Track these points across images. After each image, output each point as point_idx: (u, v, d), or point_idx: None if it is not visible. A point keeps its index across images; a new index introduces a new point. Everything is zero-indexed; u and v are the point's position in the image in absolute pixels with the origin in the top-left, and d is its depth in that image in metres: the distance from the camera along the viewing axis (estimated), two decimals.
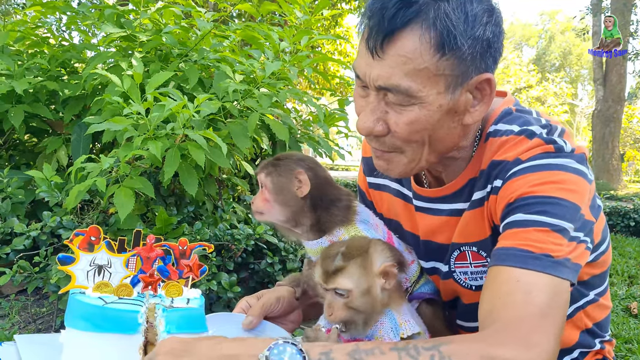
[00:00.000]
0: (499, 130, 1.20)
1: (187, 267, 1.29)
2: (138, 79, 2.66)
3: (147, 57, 3.14)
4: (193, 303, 1.23)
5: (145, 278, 1.21)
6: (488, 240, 1.21)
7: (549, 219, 1.03)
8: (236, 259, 2.80)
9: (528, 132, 1.15)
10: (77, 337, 1.15)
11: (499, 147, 1.17)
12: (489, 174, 1.18)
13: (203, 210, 2.99)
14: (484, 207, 1.19)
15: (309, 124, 3.98)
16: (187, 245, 1.32)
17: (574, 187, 1.07)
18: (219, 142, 2.38)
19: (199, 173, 2.63)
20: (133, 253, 1.25)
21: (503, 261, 1.02)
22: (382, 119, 1.09)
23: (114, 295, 1.19)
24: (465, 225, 1.24)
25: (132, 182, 2.44)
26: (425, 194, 1.32)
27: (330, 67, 13.86)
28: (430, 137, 1.10)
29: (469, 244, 1.25)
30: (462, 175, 1.25)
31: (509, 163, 1.13)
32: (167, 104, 2.32)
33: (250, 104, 2.84)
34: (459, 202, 1.26)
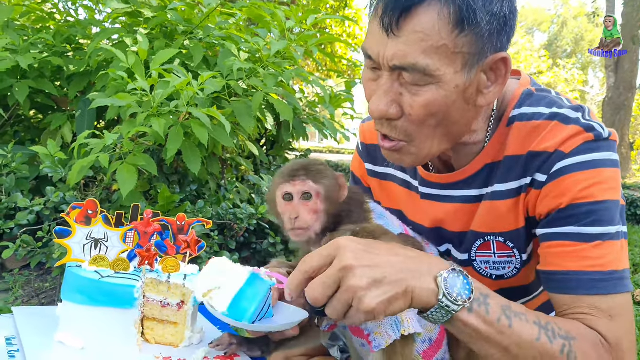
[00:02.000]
0: (525, 113, 1.15)
1: (184, 242, 1.28)
2: (143, 55, 2.64)
3: (152, 34, 3.11)
4: (190, 279, 1.22)
5: (142, 253, 1.20)
6: (519, 231, 1.17)
7: (602, 228, 1.04)
8: (238, 239, 2.80)
9: (561, 116, 1.11)
10: (73, 310, 1.15)
11: (531, 133, 1.12)
12: (526, 165, 1.12)
13: (206, 189, 2.99)
14: (520, 199, 1.14)
15: (315, 105, 3.95)
16: (185, 220, 1.31)
17: (615, 185, 1.07)
18: (223, 120, 2.36)
19: (202, 151, 2.62)
20: (130, 227, 1.24)
21: (575, 290, 1.04)
22: (396, 102, 1.04)
23: (111, 269, 1.19)
24: (491, 215, 1.19)
25: (135, 159, 2.43)
26: (435, 180, 1.27)
27: (338, 50, 13.76)
28: (444, 120, 1.06)
29: (494, 234, 1.20)
30: (476, 161, 1.19)
31: (551, 155, 1.08)
32: (171, 81, 2.30)
33: (255, 83, 2.82)
34: (472, 188, 1.21)
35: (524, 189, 1.14)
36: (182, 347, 1.21)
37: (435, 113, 1.03)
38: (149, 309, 1.21)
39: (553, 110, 1.12)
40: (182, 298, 1.22)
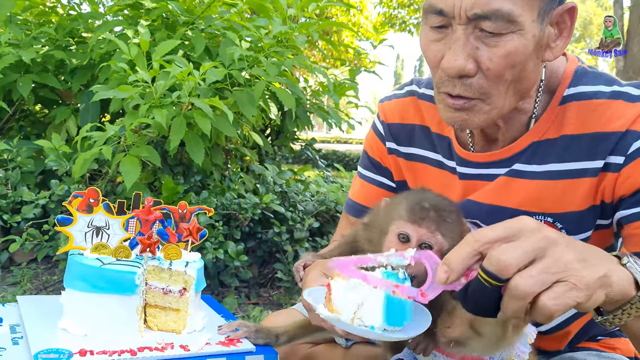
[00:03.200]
0: (585, 92, 1.11)
1: (186, 230, 1.28)
2: (145, 46, 2.63)
3: (153, 26, 3.11)
4: (192, 266, 1.22)
5: (143, 240, 1.20)
6: (573, 214, 1.13)
7: None
8: (243, 228, 2.81)
9: (625, 95, 1.08)
10: (75, 297, 1.15)
11: (594, 112, 1.09)
12: (593, 146, 1.08)
13: (211, 180, 2.99)
14: (587, 180, 1.10)
15: (319, 94, 3.93)
16: (186, 208, 1.31)
17: None
18: (225, 109, 2.36)
19: (206, 142, 2.62)
20: (131, 215, 1.25)
21: None
22: (472, 56, 0.99)
23: (112, 257, 1.19)
24: (541, 194, 1.15)
25: (138, 151, 2.44)
26: (475, 159, 1.22)
27: (344, 39, 13.70)
28: (520, 73, 1.01)
29: (544, 214, 1.15)
30: (523, 138, 1.15)
31: (623, 135, 1.05)
32: (172, 71, 2.30)
33: (257, 73, 2.81)
34: (517, 162, 1.17)
35: (591, 173, 1.09)
36: (184, 333, 1.21)
37: (514, 64, 1.00)
38: (151, 296, 1.21)
39: (615, 89, 1.09)
40: (184, 285, 1.22)
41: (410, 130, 1.36)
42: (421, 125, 1.34)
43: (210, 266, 2.57)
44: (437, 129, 1.31)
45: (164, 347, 1.12)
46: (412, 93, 1.37)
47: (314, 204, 3.03)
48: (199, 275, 1.23)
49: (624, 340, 1.42)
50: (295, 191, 3.05)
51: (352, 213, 1.47)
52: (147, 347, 1.11)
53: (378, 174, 1.45)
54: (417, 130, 1.35)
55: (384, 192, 1.44)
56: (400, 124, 1.38)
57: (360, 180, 1.48)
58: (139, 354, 1.08)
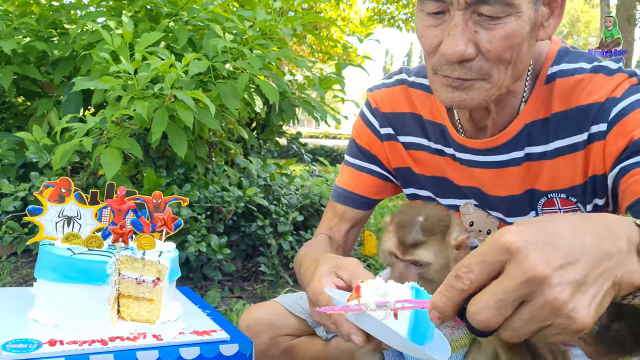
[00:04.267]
0: (565, 69, 1.14)
1: (160, 220, 1.28)
2: (128, 37, 2.61)
3: (136, 17, 3.08)
4: (165, 256, 1.21)
5: (115, 230, 1.19)
6: (579, 187, 1.16)
7: None
8: (227, 222, 2.79)
9: (605, 68, 1.11)
10: (46, 288, 1.14)
11: (575, 87, 1.12)
12: (578, 120, 1.12)
13: (194, 173, 2.97)
14: (576, 156, 1.14)
15: (304, 88, 3.92)
16: (161, 198, 1.30)
17: None
18: (207, 102, 2.34)
19: (189, 134, 2.60)
20: (104, 205, 1.23)
21: None
22: (471, 40, 1.01)
23: (84, 247, 1.18)
24: (549, 173, 1.18)
25: (119, 143, 2.41)
26: (472, 146, 1.24)
27: (333, 34, 13.66)
28: (517, 55, 1.03)
29: (556, 191, 1.19)
30: (517, 121, 1.18)
31: (603, 105, 1.08)
32: (153, 62, 2.27)
33: (241, 65, 2.79)
34: (515, 150, 1.19)
35: (581, 146, 1.12)
36: (158, 323, 1.20)
37: (513, 45, 1.01)
38: (125, 287, 1.21)
39: (595, 64, 1.12)
40: (157, 275, 1.21)
41: (402, 118, 1.36)
42: (412, 113, 1.35)
43: (193, 259, 2.55)
44: (429, 116, 1.32)
45: (136, 336, 1.12)
46: (402, 82, 1.38)
47: (298, 198, 3.02)
48: (173, 264, 1.22)
49: None
50: (279, 184, 3.04)
51: (341, 200, 1.47)
52: (119, 337, 1.10)
53: (368, 162, 1.45)
54: (408, 118, 1.35)
55: (374, 179, 1.44)
56: (392, 112, 1.38)
57: (349, 169, 1.47)
58: (110, 343, 1.07)
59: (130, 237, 1.22)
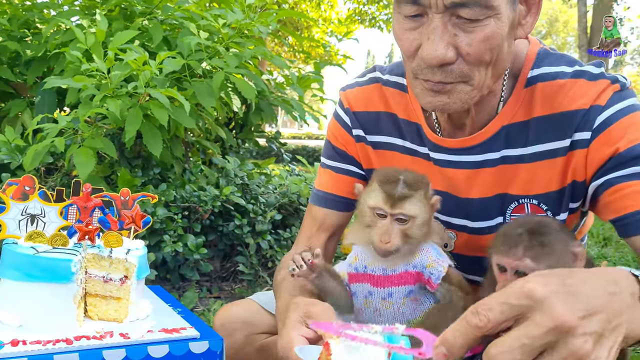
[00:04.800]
0: (547, 73, 1.13)
1: (128, 218, 1.26)
2: (101, 36, 2.58)
3: (110, 16, 3.04)
4: (133, 253, 1.20)
5: (81, 227, 1.17)
6: (554, 194, 1.16)
7: None
8: (204, 222, 2.77)
9: (587, 73, 1.11)
10: (10, 287, 1.12)
11: (557, 92, 1.12)
12: (561, 126, 1.11)
13: (171, 173, 2.95)
14: (559, 160, 1.13)
15: (283, 87, 3.91)
16: (129, 195, 1.29)
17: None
18: (182, 100, 2.32)
19: (164, 134, 2.58)
20: (69, 202, 1.21)
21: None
22: (451, 44, 0.99)
23: (49, 245, 1.16)
24: (526, 177, 1.17)
25: (93, 142, 2.38)
26: (448, 145, 1.22)
27: (314, 35, 13.67)
28: (497, 56, 1.02)
29: (529, 196, 1.18)
30: (494, 122, 1.17)
31: (587, 112, 1.08)
32: (125, 57, 2.25)
33: (217, 64, 2.77)
34: (491, 151, 1.18)
35: (561, 152, 1.12)
36: (126, 322, 1.18)
37: (493, 47, 1.00)
38: (91, 285, 1.18)
39: (576, 69, 1.12)
40: (125, 273, 1.19)
41: (376, 117, 1.34)
42: (387, 112, 1.33)
43: (170, 260, 2.53)
44: (404, 115, 1.30)
45: (102, 335, 1.10)
46: (376, 80, 1.36)
47: (277, 196, 3.01)
48: (141, 262, 1.20)
49: None
50: (257, 183, 3.03)
51: (322, 204, 1.43)
52: (85, 336, 1.08)
53: (345, 163, 1.43)
54: (382, 117, 1.33)
55: (354, 180, 1.41)
56: (366, 111, 1.36)
57: (327, 171, 1.45)
58: (75, 342, 1.05)
59: (97, 235, 1.20)
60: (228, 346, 1.41)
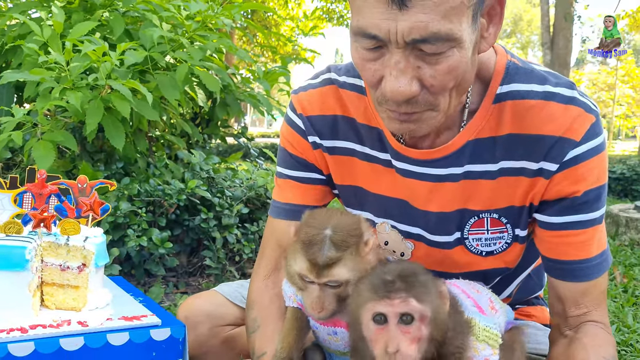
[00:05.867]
0: (518, 91, 1.11)
1: (86, 205, 1.23)
2: (58, 28, 2.51)
3: (69, 8, 2.97)
4: (91, 241, 1.17)
5: (35, 215, 1.14)
6: (516, 209, 1.16)
7: (603, 209, 1.12)
8: (169, 216, 2.73)
9: (558, 96, 1.09)
10: None
11: (527, 113, 1.09)
12: (529, 148, 1.10)
13: (135, 168, 2.90)
14: (525, 179, 1.12)
15: (249, 81, 3.89)
16: (86, 182, 1.26)
17: (607, 163, 1.14)
18: (144, 91, 2.28)
19: (126, 127, 2.53)
20: (22, 189, 1.18)
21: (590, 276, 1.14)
22: (415, 77, 0.96)
23: (1, 233, 1.12)
24: (487, 192, 1.16)
25: (52, 135, 2.32)
26: (412, 156, 1.18)
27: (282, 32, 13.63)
28: (462, 79, 1.00)
29: (489, 210, 1.17)
30: (460, 136, 1.14)
31: (559, 142, 1.07)
32: (83, 48, 2.20)
33: (181, 56, 2.73)
34: (454, 165, 1.15)
35: (529, 173, 1.12)
36: (85, 310, 1.16)
37: (458, 75, 0.98)
38: (48, 274, 1.16)
39: (547, 89, 1.10)
40: (83, 261, 1.17)
41: (332, 121, 1.26)
42: (344, 116, 1.25)
43: (134, 254, 2.49)
44: (363, 119, 1.24)
45: (59, 324, 1.08)
46: (331, 82, 1.27)
47: (243, 190, 2.99)
48: (99, 249, 1.18)
49: (539, 308, 1.47)
50: (223, 177, 3.00)
51: (289, 216, 1.30)
52: (41, 325, 1.05)
53: (307, 171, 1.32)
54: (340, 121, 1.26)
55: (318, 187, 1.33)
56: (321, 115, 1.27)
57: (288, 182, 1.33)
58: (30, 331, 1.02)
59: (54, 223, 1.18)
60: (192, 339, 1.38)
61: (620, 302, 2.62)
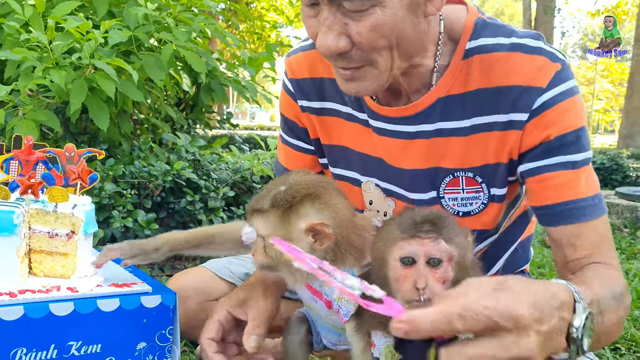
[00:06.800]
0: (485, 45, 1.12)
1: (74, 173, 1.21)
2: (40, 7, 2.47)
3: None
4: (80, 208, 1.16)
5: (22, 181, 1.12)
6: (489, 167, 1.16)
7: (585, 153, 1.10)
8: (155, 199, 2.71)
9: (524, 47, 1.10)
10: None
11: (494, 66, 1.10)
12: (497, 100, 1.11)
13: (119, 151, 2.87)
14: (495, 134, 1.13)
15: (234, 66, 3.86)
16: (74, 151, 1.24)
17: (583, 109, 1.12)
18: (129, 69, 2.25)
19: (110, 107, 2.50)
20: (9, 155, 1.16)
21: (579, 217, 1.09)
22: (343, 33, 0.98)
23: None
24: (459, 149, 1.17)
25: (35, 115, 2.28)
26: (385, 113, 1.21)
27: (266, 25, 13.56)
28: (399, 40, 1.01)
29: (464, 169, 1.18)
30: (430, 93, 1.15)
31: (526, 91, 1.08)
32: (66, 26, 2.16)
33: (166, 37, 2.71)
34: (426, 122, 1.17)
35: (499, 127, 1.12)
36: (74, 278, 1.14)
37: (385, 34, 0.98)
38: (36, 241, 1.14)
39: (513, 41, 1.11)
40: (71, 228, 1.15)
41: (320, 84, 1.32)
42: (330, 79, 1.30)
43: (119, 236, 2.46)
44: None
45: (48, 289, 1.06)
46: None
47: (229, 173, 2.97)
48: (88, 217, 1.17)
49: None
50: (209, 160, 2.98)
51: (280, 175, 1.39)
52: (30, 290, 1.04)
53: (295, 138, 1.42)
54: (326, 83, 1.31)
55: (307, 156, 1.41)
56: (310, 78, 1.33)
57: (283, 145, 1.45)
58: (19, 296, 1.01)
59: (41, 190, 1.16)
60: (181, 314, 1.37)
61: None
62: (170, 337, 1.13)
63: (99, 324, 1.05)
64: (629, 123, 15.46)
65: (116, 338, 1.07)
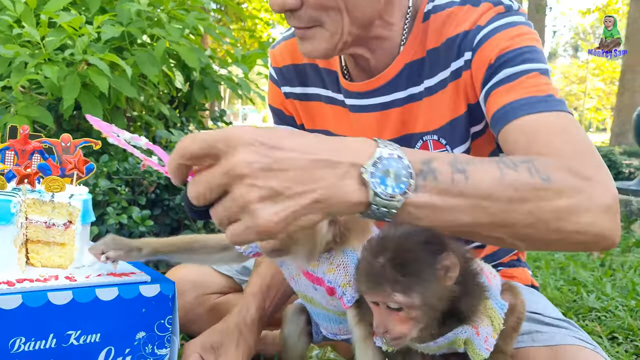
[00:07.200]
0: (438, 5, 1.15)
1: (71, 163, 1.20)
2: (32, 3, 2.45)
3: None
4: (77, 198, 1.15)
5: (19, 171, 1.11)
6: (447, 126, 1.17)
7: (534, 64, 1.03)
8: (149, 196, 2.69)
9: (472, 0, 1.12)
10: None
11: (445, 21, 1.13)
12: (447, 53, 1.13)
13: (112, 148, 2.84)
14: (448, 89, 1.14)
15: (227, 63, 3.85)
16: (70, 141, 1.23)
17: (535, 37, 1.09)
18: (122, 64, 2.24)
19: (104, 104, 2.48)
20: (4, 145, 1.15)
21: (515, 115, 0.97)
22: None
23: None
24: (424, 113, 1.18)
25: (28, 111, 2.26)
26: (356, 89, 1.23)
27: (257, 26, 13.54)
28: (346, 3, 1.03)
29: (429, 132, 1.19)
30: (396, 62, 1.18)
31: (468, 33, 1.10)
32: (59, 20, 2.15)
33: (159, 33, 2.69)
34: (397, 91, 1.19)
35: (451, 77, 1.13)
36: (71, 268, 1.13)
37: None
38: (33, 231, 1.13)
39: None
40: (69, 218, 1.14)
41: (302, 69, 1.35)
42: (311, 64, 1.34)
43: (114, 233, 2.44)
44: (324, 64, 1.32)
45: (47, 278, 1.05)
46: None
47: None
48: (85, 206, 1.16)
49: (521, 270, 1.49)
50: None
51: None
52: (28, 279, 1.03)
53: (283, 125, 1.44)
54: (307, 69, 1.34)
55: None
56: (292, 64, 1.37)
57: None
58: (17, 284, 1.00)
59: (38, 180, 1.15)
60: (179, 307, 1.37)
61: (599, 274, 2.69)
62: (169, 326, 1.12)
63: (98, 313, 1.04)
64: (621, 121, 15.55)
65: (115, 327, 1.06)
